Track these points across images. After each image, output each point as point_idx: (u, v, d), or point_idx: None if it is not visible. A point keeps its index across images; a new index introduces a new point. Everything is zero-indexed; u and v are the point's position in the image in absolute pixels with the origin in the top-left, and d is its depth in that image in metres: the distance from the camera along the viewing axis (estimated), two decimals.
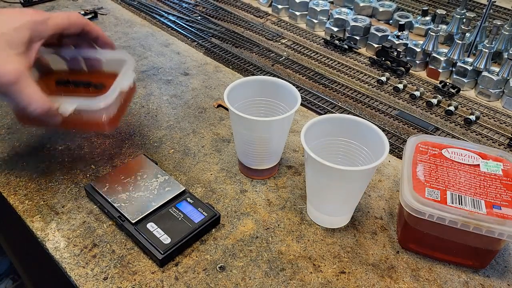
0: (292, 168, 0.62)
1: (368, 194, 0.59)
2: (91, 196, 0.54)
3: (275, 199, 0.57)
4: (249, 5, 1.07)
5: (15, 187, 0.57)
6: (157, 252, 0.48)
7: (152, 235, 0.49)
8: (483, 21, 0.80)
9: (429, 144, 0.54)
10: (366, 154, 0.52)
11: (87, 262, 0.48)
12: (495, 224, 0.44)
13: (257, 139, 0.55)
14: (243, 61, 0.85)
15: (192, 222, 0.51)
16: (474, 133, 0.70)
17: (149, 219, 0.51)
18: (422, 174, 0.50)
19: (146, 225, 0.50)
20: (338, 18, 0.93)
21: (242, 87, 0.57)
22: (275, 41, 0.93)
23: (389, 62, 0.84)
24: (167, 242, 0.48)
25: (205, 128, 0.69)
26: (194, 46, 0.90)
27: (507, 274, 0.50)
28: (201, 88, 0.78)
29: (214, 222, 0.52)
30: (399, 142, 0.68)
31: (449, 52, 0.81)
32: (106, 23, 0.97)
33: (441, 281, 0.49)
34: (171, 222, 0.50)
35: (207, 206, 0.53)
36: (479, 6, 1.03)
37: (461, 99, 0.78)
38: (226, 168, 0.62)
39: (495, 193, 0.48)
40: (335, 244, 0.52)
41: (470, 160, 0.52)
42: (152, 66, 0.83)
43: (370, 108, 0.75)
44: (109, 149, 0.64)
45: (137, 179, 0.55)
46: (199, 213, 0.52)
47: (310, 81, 0.81)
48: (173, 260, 0.49)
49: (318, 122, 0.51)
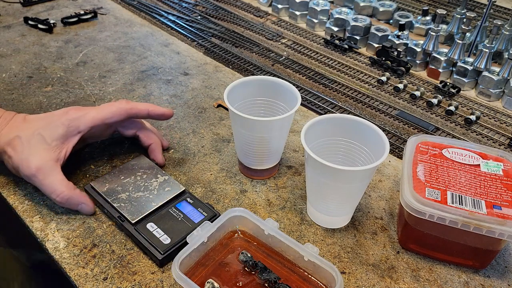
0: (292, 168, 0.62)
1: (368, 194, 0.59)
2: (91, 196, 0.54)
3: (275, 199, 0.57)
4: (249, 5, 1.07)
5: (15, 187, 0.57)
6: (157, 253, 0.48)
7: (152, 235, 0.49)
8: (484, 21, 0.80)
9: (430, 144, 0.54)
10: (366, 154, 0.52)
11: (86, 262, 0.48)
12: (495, 224, 0.44)
13: (257, 139, 0.54)
14: (243, 61, 0.85)
15: (192, 222, 0.51)
16: (475, 133, 0.70)
17: (149, 219, 0.51)
18: (423, 174, 0.50)
19: (146, 225, 0.50)
20: (338, 18, 0.93)
21: (242, 87, 0.57)
22: (275, 41, 0.93)
23: (389, 62, 0.84)
24: (167, 242, 0.49)
25: (205, 128, 0.69)
26: (194, 46, 0.90)
27: (507, 274, 0.50)
28: (201, 88, 0.78)
29: None
30: (399, 142, 0.67)
31: (450, 52, 0.81)
32: (105, 23, 0.97)
33: (441, 281, 0.49)
34: (171, 222, 0.51)
35: (207, 206, 0.53)
36: (480, 6, 1.03)
37: (461, 99, 0.78)
38: (226, 168, 0.62)
39: (496, 193, 0.48)
40: (335, 244, 0.52)
41: (470, 160, 0.52)
42: (152, 66, 0.83)
43: (370, 108, 0.75)
44: (109, 149, 0.63)
45: (137, 179, 0.55)
46: (199, 213, 0.52)
47: (310, 81, 0.81)
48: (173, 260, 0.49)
49: (318, 122, 0.51)
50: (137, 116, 0.58)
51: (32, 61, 0.82)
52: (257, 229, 0.48)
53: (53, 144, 0.52)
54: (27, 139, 0.51)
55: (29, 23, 0.93)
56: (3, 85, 0.75)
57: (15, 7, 1.00)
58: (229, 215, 0.48)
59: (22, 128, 0.53)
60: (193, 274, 0.45)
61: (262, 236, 0.48)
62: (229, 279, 0.45)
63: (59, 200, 0.51)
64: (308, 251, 0.44)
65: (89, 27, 0.94)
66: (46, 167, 0.51)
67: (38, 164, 0.50)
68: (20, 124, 0.54)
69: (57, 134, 0.52)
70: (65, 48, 0.87)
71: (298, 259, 0.46)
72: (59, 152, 0.52)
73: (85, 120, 0.54)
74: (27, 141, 0.51)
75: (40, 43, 0.88)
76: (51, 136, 0.52)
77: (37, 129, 0.52)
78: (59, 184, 0.51)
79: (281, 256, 0.47)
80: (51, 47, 0.87)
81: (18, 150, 0.51)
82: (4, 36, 0.89)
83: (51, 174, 0.51)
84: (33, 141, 0.51)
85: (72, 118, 0.53)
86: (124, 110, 0.56)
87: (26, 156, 0.50)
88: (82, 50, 0.86)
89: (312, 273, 0.45)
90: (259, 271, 0.45)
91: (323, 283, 0.45)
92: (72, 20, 0.94)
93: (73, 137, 0.53)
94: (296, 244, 0.45)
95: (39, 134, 0.52)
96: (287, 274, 0.46)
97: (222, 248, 0.48)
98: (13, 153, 0.51)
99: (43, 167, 0.50)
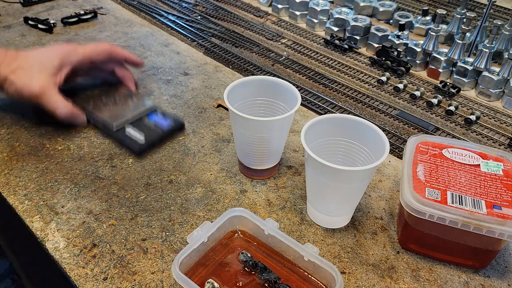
0: (292, 168, 0.62)
1: (368, 194, 0.59)
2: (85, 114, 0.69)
3: (275, 199, 0.57)
4: (249, 5, 1.07)
5: (14, 187, 0.57)
6: (134, 147, 0.62)
7: (129, 136, 0.63)
8: (484, 21, 0.80)
9: (430, 144, 0.54)
10: (366, 154, 0.52)
11: (86, 262, 0.48)
12: (495, 224, 0.44)
13: (257, 139, 0.54)
14: (243, 61, 0.85)
15: (161, 129, 0.65)
16: (475, 133, 0.70)
17: (127, 125, 0.65)
18: (423, 174, 0.50)
19: (125, 129, 0.64)
20: (338, 18, 0.93)
21: (242, 87, 0.57)
22: (275, 41, 0.93)
23: (389, 62, 0.84)
24: (141, 141, 0.62)
25: (205, 128, 0.69)
26: (194, 46, 0.90)
27: (507, 274, 0.50)
28: (201, 88, 0.78)
29: (180, 128, 0.67)
30: (399, 142, 0.67)
31: (450, 52, 0.81)
32: (105, 23, 0.97)
33: (441, 281, 0.49)
34: (145, 128, 0.65)
35: (174, 117, 0.67)
36: (480, 6, 1.03)
37: (461, 99, 0.78)
38: (226, 168, 0.62)
39: (496, 193, 0.48)
40: (335, 244, 0.52)
41: (470, 160, 0.52)
42: (152, 66, 0.83)
43: (370, 108, 0.75)
44: (109, 149, 0.63)
45: (116, 101, 0.69)
46: (168, 122, 0.66)
47: (310, 81, 0.81)
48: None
49: (318, 122, 0.51)
50: (116, 58, 0.71)
51: None
52: (257, 229, 0.48)
53: (51, 71, 0.62)
54: (29, 67, 0.61)
55: (29, 23, 0.93)
56: None
57: (15, 7, 1.00)
58: (229, 215, 0.48)
59: (22, 59, 0.62)
60: (193, 274, 0.45)
61: (262, 236, 0.48)
62: (229, 279, 0.45)
63: (63, 115, 0.62)
64: (308, 251, 0.44)
65: (89, 27, 0.94)
66: (49, 88, 0.61)
67: (42, 85, 0.60)
68: (18, 56, 0.62)
69: (54, 63, 0.63)
70: None
71: (298, 259, 0.46)
72: (55, 78, 0.62)
73: (75, 54, 0.65)
74: (29, 69, 0.61)
75: (40, 43, 0.88)
76: (49, 64, 0.62)
77: (36, 59, 0.62)
78: (61, 102, 0.62)
79: (281, 256, 0.47)
80: None
81: (21, 76, 0.60)
82: (4, 36, 0.89)
83: (54, 94, 0.61)
84: (35, 68, 0.61)
85: (65, 51, 0.64)
86: (107, 51, 0.69)
87: (30, 79, 0.60)
88: None
89: (312, 273, 0.45)
90: (259, 271, 0.45)
91: (323, 283, 0.45)
92: (72, 20, 0.94)
93: (66, 66, 0.64)
94: (296, 244, 0.45)
95: (39, 63, 0.62)
96: (287, 274, 0.46)
97: (222, 248, 0.48)
98: (17, 79, 0.60)
99: (46, 88, 0.61)
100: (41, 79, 0.61)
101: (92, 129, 0.67)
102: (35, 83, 0.60)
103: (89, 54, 0.67)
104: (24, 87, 0.60)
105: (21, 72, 0.61)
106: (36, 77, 0.61)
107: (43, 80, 0.61)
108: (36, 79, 0.61)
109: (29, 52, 0.64)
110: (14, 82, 0.60)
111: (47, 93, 0.61)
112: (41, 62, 0.62)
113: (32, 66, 0.62)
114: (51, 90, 0.61)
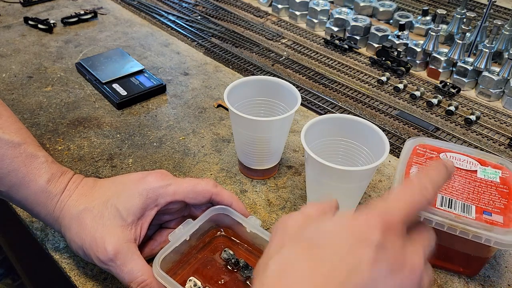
0: (292, 168, 0.62)
1: (368, 194, 0.59)
2: (81, 71, 0.79)
3: (275, 199, 0.57)
4: (249, 5, 1.07)
5: None
6: (115, 98, 0.71)
7: (114, 89, 0.73)
8: (484, 21, 0.80)
9: (428, 147, 0.53)
10: (366, 154, 0.52)
11: (86, 262, 0.48)
12: (482, 230, 0.43)
13: (257, 139, 0.54)
14: (243, 61, 0.85)
15: (144, 86, 0.74)
16: (475, 133, 0.70)
17: (115, 81, 0.75)
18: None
19: (112, 84, 0.74)
20: (338, 18, 0.93)
21: (242, 87, 0.57)
22: (275, 41, 0.93)
23: (389, 62, 0.84)
24: (123, 94, 0.72)
25: (205, 128, 0.69)
26: (194, 46, 0.90)
27: (507, 274, 0.50)
28: (201, 88, 0.78)
29: (161, 89, 0.75)
30: (399, 142, 0.67)
31: (450, 52, 0.81)
32: (105, 23, 0.97)
33: (441, 281, 0.49)
34: (129, 84, 0.75)
35: (157, 79, 0.76)
36: (480, 6, 1.03)
37: (461, 99, 0.78)
38: (226, 168, 0.62)
39: (488, 199, 0.47)
40: None
41: (467, 165, 0.51)
42: (152, 66, 0.83)
43: (370, 108, 0.75)
44: (109, 149, 0.63)
45: (113, 62, 0.80)
46: (151, 82, 0.75)
47: (310, 81, 0.81)
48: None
49: (318, 122, 0.51)
50: (217, 204, 0.48)
51: (32, 61, 0.82)
52: (239, 227, 0.47)
53: (129, 219, 0.43)
54: (99, 213, 0.43)
55: (29, 23, 0.93)
56: (3, 85, 0.75)
57: (15, 7, 1.00)
58: (212, 213, 0.47)
59: (93, 197, 0.45)
60: (175, 273, 0.44)
61: (244, 233, 0.47)
62: (211, 277, 0.44)
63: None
64: None
65: (89, 27, 0.94)
66: (125, 250, 0.42)
67: (116, 246, 0.42)
68: (89, 190, 0.46)
69: (133, 207, 0.44)
70: (65, 48, 0.87)
71: None
72: (135, 230, 0.44)
73: (165, 192, 0.45)
74: (100, 215, 0.43)
75: (40, 43, 0.88)
76: (127, 208, 0.43)
77: (109, 198, 0.44)
78: (140, 271, 0.42)
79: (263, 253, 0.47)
80: (51, 47, 0.87)
81: (88, 226, 0.42)
82: (4, 36, 0.89)
83: (132, 259, 0.42)
84: (107, 215, 0.43)
85: (151, 187, 0.45)
86: (210, 193, 0.47)
87: (101, 235, 0.42)
88: (82, 50, 0.86)
89: None
90: (241, 269, 0.45)
91: None
92: (72, 20, 0.94)
93: (150, 211, 0.45)
94: None
95: (112, 205, 0.43)
96: None
97: (205, 246, 0.48)
98: (81, 230, 0.43)
99: (121, 250, 0.42)
100: (117, 235, 0.42)
101: (92, 129, 0.67)
102: (109, 243, 0.42)
103: (184, 195, 0.46)
104: (95, 247, 0.42)
105: (88, 218, 0.43)
106: (109, 232, 0.42)
107: (120, 237, 0.42)
108: (110, 236, 0.42)
109: (100, 181, 0.47)
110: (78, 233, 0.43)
111: (120, 258, 0.42)
112: (116, 202, 0.44)
113: (105, 209, 0.43)
114: (127, 254, 0.42)
